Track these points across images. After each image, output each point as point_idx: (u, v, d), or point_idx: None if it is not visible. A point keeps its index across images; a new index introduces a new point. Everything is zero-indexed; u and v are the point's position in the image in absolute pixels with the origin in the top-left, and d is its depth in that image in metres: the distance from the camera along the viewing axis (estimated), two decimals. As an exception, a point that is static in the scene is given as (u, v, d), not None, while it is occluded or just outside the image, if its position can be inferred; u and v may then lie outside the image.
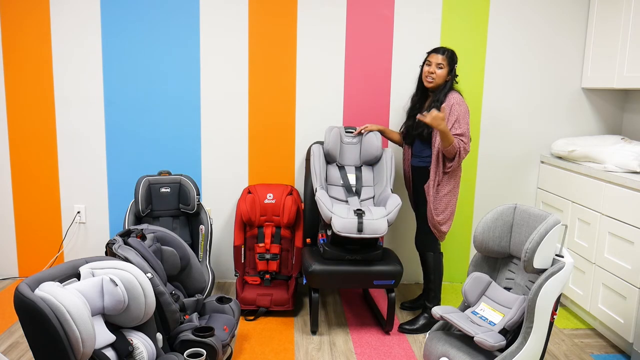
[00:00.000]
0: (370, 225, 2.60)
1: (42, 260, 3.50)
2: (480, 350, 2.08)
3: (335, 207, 2.73)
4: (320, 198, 2.75)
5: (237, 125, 3.40)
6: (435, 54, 2.81)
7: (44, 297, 1.59)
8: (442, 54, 2.80)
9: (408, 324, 2.89)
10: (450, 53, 2.82)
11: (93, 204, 3.45)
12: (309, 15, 3.31)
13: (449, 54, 2.80)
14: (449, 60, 2.80)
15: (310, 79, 3.37)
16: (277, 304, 2.98)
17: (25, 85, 3.33)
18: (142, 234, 2.39)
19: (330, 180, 3.01)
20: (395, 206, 2.71)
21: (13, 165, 3.40)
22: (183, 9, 3.28)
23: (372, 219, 2.62)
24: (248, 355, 2.58)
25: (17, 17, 3.26)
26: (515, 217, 2.27)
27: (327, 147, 2.99)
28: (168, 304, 2.21)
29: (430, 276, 2.90)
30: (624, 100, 3.47)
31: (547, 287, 1.97)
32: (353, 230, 2.59)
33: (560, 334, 2.90)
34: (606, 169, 2.85)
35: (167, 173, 3.21)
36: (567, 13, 3.37)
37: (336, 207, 2.74)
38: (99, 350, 1.75)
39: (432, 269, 2.89)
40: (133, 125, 3.38)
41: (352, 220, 2.60)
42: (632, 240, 2.57)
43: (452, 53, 2.83)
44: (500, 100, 3.44)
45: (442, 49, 2.83)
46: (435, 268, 2.89)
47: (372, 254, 2.74)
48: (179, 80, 3.34)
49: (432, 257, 2.89)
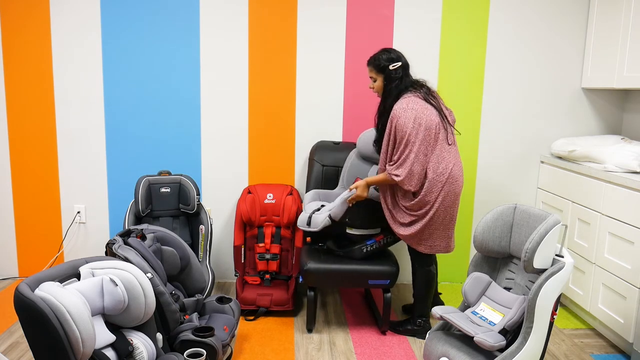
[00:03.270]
0: (314, 219, 2.78)
1: (42, 260, 3.50)
2: (480, 350, 2.08)
3: (310, 204, 2.94)
4: (306, 197, 3.02)
5: (237, 125, 3.40)
6: (368, 67, 2.64)
7: (44, 297, 1.59)
8: (369, 64, 2.62)
9: (399, 324, 2.84)
10: (372, 60, 2.60)
11: (93, 204, 3.45)
12: (309, 15, 3.31)
13: (373, 62, 2.60)
14: (375, 69, 2.60)
15: (310, 78, 3.37)
16: (277, 304, 2.98)
17: (25, 85, 3.33)
18: (142, 234, 2.39)
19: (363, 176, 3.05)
20: (340, 200, 2.73)
21: (13, 165, 3.40)
22: (183, 8, 3.28)
23: (318, 214, 2.79)
24: (248, 355, 2.58)
25: (17, 17, 3.26)
26: (515, 217, 2.27)
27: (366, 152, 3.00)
28: (168, 304, 2.22)
29: (416, 290, 2.78)
30: (624, 100, 3.47)
31: (547, 287, 1.97)
32: (303, 224, 2.81)
33: (560, 334, 2.90)
34: (606, 169, 2.85)
35: (167, 173, 3.21)
36: (567, 13, 3.37)
37: (310, 204, 2.95)
38: (99, 350, 1.75)
39: (420, 284, 2.76)
40: (133, 125, 3.38)
41: (305, 215, 2.82)
42: (632, 240, 2.57)
43: (374, 59, 2.60)
44: (500, 100, 3.44)
45: (370, 58, 2.63)
46: (424, 283, 2.75)
47: (353, 248, 2.80)
48: (179, 80, 3.34)
49: (419, 272, 2.76)
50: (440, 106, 2.60)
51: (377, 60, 2.59)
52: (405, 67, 2.62)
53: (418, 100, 2.53)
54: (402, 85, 2.58)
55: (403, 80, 2.59)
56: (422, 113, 2.48)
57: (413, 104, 2.50)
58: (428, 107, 2.52)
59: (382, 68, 2.59)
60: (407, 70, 2.64)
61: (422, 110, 2.49)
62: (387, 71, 2.58)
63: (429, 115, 2.50)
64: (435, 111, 2.54)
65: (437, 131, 2.52)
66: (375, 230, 2.84)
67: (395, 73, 2.58)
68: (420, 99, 2.54)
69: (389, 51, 2.63)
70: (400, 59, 2.62)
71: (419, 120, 2.47)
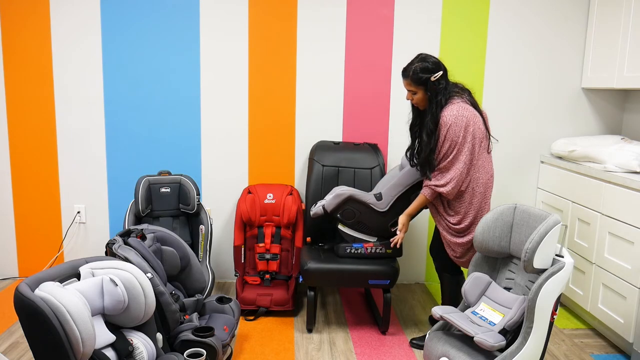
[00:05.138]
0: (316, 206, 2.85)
1: (42, 260, 3.50)
2: (480, 350, 2.08)
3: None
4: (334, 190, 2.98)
5: (237, 125, 3.40)
6: (403, 79, 2.47)
7: (44, 297, 1.59)
8: (405, 77, 2.45)
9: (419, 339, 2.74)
10: (412, 73, 2.41)
11: (93, 204, 3.45)
12: (309, 15, 3.31)
13: (412, 75, 2.41)
14: (415, 81, 2.41)
15: (310, 79, 3.37)
16: (277, 304, 2.98)
17: (25, 86, 3.33)
18: (142, 234, 2.39)
19: None
20: (332, 194, 2.79)
21: (13, 165, 3.40)
22: (183, 8, 3.28)
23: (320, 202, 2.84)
24: (248, 355, 2.58)
25: (17, 17, 3.26)
26: (515, 217, 2.27)
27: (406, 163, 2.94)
28: (168, 304, 2.21)
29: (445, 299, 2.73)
30: (624, 100, 3.47)
31: (547, 287, 1.97)
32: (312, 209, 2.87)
33: (560, 334, 2.90)
34: (606, 169, 2.85)
35: (167, 173, 3.21)
36: (567, 13, 3.37)
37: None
38: (99, 350, 1.75)
39: (447, 292, 2.70)
40: (133, 125, 3.38)
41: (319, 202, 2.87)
42: (632, 240, 2.57)
43: (414, 72, 2.40)
44: (500, 100, 3.44)
45: (405, 70, 2.45)
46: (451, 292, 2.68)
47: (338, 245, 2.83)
48: (179, 80, 3.34)
49: (447, 279, 2.70)
50: (481, 111, 2.51)
51: (415, 74, 2.40)
52: (445, 73, 2.45)
53: (467, 106, 2.40)
54: (447, 94, 2.42)
55: (447, 87, 2.42)
56: (472, 120, 2.38)
57: (463, 110, 2.37)
58: (476, 115, 2.42)
59: (423, 81, 2.41)
60: (447, 74, 2.47)
61: (472, 117, 2.39)
62: (429, 83, 2.40)
63: (478, 123, 2.41)
64: (481, 118, 2.45)
65: (482, 139, 2.45)
66: (370, 237, 2.83)
67: (438, 83, 2.40)
68: (468, 104, 2.41)
69: (425, 59, 2.43)
70: (440, 66, 2.43)
71: (470, 128, 2.37)
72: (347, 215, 2.79)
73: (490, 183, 2.53)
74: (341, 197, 2.76)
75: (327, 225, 3.06)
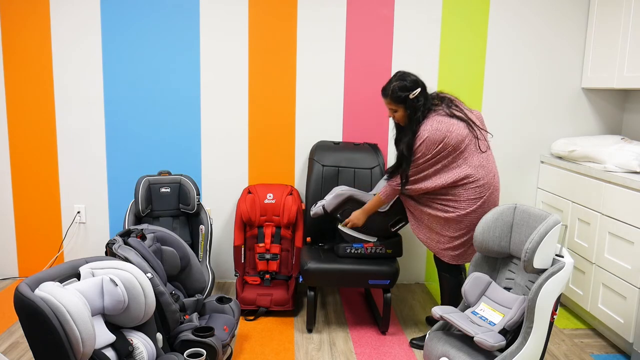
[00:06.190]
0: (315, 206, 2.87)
1: (42, 260, 3.50)
2: (480, 350, 2.08)
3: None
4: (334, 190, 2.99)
5: (237, 125, 3.40)
6: (383, 98, 2.53)
7: (44, 297, 1.59)
8: (385, 96, 2.51)
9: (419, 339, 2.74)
10: (391, 92, 2.47)
11: (93, 204, 3.45)
12: (309, 15, 3.31)
13: (391, 94, 2.47)
14: (394, 100, 2.47)
15: (310, 79, 3.37)
16: (277, 304, 2.98)
17: (25, 86, 3.33)
18: (142, 234, 2.39)
19: None
20: (332, 194, 2.80)
21: (13, 165, 3.40)
22: (183, 9, 3.28)
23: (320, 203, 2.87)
24: (248, 355, 2.58)
25: (17, 17, 3.26)
26: (515, 217, 2.27)
27: None
28: (168, 304, 2.21)
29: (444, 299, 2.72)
30: (624, 100, 3.47)
31: (547, 287, 1.97)
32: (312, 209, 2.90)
33: (560, 334, 2.90)
34: (606, 169, 2.85)
35: (167, 173, 3.21)
36: (567, 13, 3.37)
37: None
38: (99, 350, 1.75)
39: (447, 293, 2.69)
40: (133, 125, 3.38)
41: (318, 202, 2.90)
42: (632, 240, 2.57)
43: (393, 90, 2.46)
44: (500, 100, 3.44)
45: (384, 89, 2.51)
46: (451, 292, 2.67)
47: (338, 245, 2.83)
48: (179, 80, 3.34)
49: (447, 279, 2.69)
50: (467, 114, 2.51)
51: (394, 93, 2.46)
52: (423, 89, 2.50)
53: (443, 119, 2.44)
54: (426, 110, 2.47)
55: (426, 103, 2.47)
56: (448, 131, 2.41)
57: (438, 124, 2.42)
58: (454, 123, 2.44)
59: (402, 100, 2.47)
60: (426, 90, 2.52)
61: (448, 127, 2.42)
62: (408, 101, 2.46)
63: (456, 130, 2.42)
64: (462, 123, 2.46)
65: (467, 143, 2.46)
66: (370, 237, 2.83)
67: (417, 100, 2.46)
68: (445, 115, 2.46)
69: (402, 78, 2.49)
70: (418, 83, 2.49)
71: (447, 139, 2.41)
72: (347, 215, 2.79)
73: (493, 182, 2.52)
74: (341, 197, 2.77)
75: (327, 225, 3.06)
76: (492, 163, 2.55)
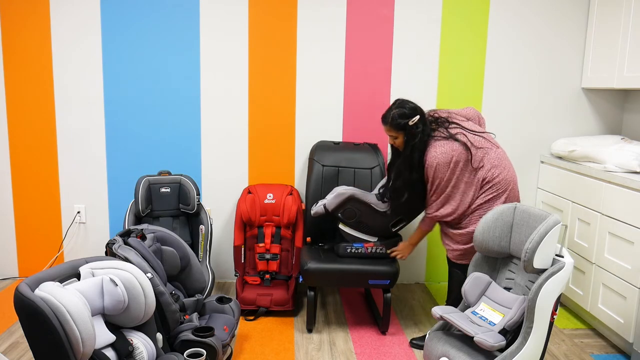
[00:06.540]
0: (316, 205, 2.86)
1: (42, 260, 3.50)
2: (480, 350, 2.08)
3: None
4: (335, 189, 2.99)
5: (237, 125, 3.40)
6: (383, 125, 2.57)
7: (44, 297, 1.59)
8: (385, 123, 2.54)
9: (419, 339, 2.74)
10: (391, 119, 2.50)
11: (93, 204, 3.45)
12: (309, 15, 3.31)
13: (391, 121, 2.51)
14: (394, 127, 2.51)
15: (310, 79, 3.37)
16: (277, 304, 2.98)
17: (25, 86, 3.33)
18: (142, 234, 2.39)
19: None
20: (333, 193, 2.80)
21: (13, 165, 3.40)
22: (183, 9, 3.28)
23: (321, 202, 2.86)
24: (248, 355, 2.58)
25: (17, 17, 3.26)
26: (515, 217, 2.27)
27: None
28: (168, 304, 2.22)
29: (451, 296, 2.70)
30: (624, 100, 3.47)
31: (547, 287, 1.97)
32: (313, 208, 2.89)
33: (560, 334, 2.90)
34: (606, 169, 2.85)
35: (167, 173, 3.21)
36: (567, 13, 3.37)
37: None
38: (99, 350, 1.76)
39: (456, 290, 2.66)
40: (133, 125, 3.38)
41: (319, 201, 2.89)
42: (632, 240, 2.57)
43: (392, 118, 2.50)
44: (500, 100, 3.44)
45: (384, 116, 2.55)
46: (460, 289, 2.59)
47: (339, 244, 2.84)
48: (179, 80, 3.34)
49: (457, 276, 2.66)
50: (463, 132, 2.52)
51: (393, 120, 2.50)
52: (422, 116, 2.53)
53: (444, 142, 2.47)
54: (425, 136, 2.50)
55: (425, 129, 2.50)
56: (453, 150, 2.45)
57: (441, 147, 2.46)
58: (454, 143, 2.46)
59: (402, 127, 2.50)
60: (424, 116, 2.55)
61: (452, 147, 2.46)
62: (408, 127, 2.50)
63: (458, 149, 2.46)
64: (461, 147, 2.47)
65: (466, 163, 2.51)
66: (370, 237, 2.83)
67: (416, 127, 2.49)
68: (443, 139, 2.48)
69: (401, 106, 2.53)
70: (417, 110, 2.52)
71: (455, 158, 2.45)
72: (348, 214, 2.79)
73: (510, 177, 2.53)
74: (342, 196, 2.77)
75: (327, 225, 3.06)
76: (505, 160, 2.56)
